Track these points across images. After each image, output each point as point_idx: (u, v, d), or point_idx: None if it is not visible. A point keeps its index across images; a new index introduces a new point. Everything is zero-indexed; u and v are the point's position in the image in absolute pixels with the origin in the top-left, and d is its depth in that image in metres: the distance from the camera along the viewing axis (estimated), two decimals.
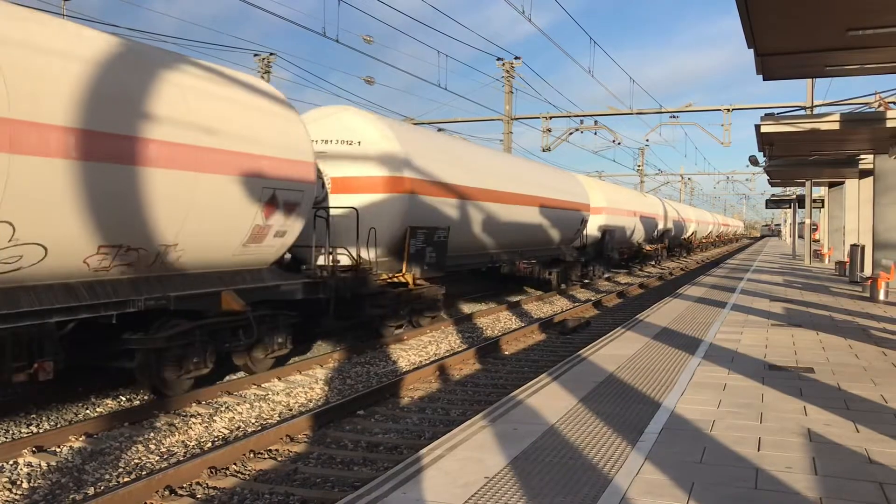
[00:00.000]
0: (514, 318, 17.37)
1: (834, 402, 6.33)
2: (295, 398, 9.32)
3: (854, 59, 9.25)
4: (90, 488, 6.19)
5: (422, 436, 7.64)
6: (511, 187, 18.53)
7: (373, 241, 12.91)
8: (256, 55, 29.01)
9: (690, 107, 32.23)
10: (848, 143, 16.68)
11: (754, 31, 7.88)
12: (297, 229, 10.83)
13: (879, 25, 7.69)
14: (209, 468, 6.35)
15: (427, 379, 10.35)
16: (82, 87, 7.37)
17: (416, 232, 13.61)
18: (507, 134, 30.97)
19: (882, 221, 17.61)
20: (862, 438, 5.21)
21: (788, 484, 4.28)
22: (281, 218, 10.30)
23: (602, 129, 33.95)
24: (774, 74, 9.96)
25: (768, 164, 22.63)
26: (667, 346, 9.26)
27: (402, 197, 13.42)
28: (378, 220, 13.02)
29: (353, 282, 12.30)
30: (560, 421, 5.69)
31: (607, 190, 30.92)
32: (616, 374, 7.49)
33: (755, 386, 6.95)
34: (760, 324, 11.49)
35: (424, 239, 13.83)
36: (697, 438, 5.21)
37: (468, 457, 4.81)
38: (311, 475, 6.41)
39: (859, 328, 10.98)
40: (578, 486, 4.26)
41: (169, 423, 8.01)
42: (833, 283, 19.66)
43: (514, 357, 12.28)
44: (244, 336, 9.87)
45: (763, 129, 14.23)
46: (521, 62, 31.04)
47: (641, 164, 61.60)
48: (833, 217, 30.83)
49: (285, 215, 10.39)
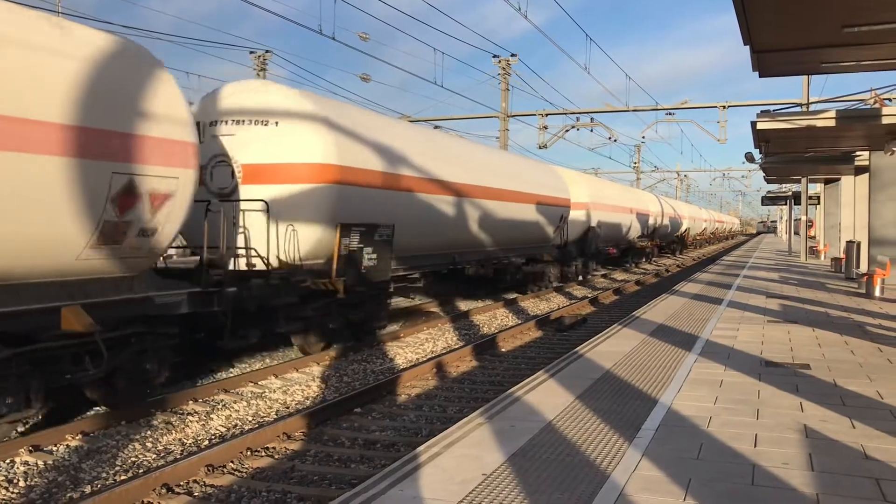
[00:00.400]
0: (511, 315, 17.38)
1: (830, 398, 6.35)
2: (292, 396, 9.32)
3: (850, 55, 9.26)
4: (87, 487, 6.18)
5: (419, 433, 7.64)
6: (474, 178, 16.35)
7: (294, 241, 10.98)
8: (252, 52, 28.97)
9: (686, 104, 32.25)
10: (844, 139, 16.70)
11: (750, 27, 7.89)
12: (174, 227, 8.60)
13: (875, 22, 7.70)
14: (206, 466, 6.34)
15: (424, 376, 10.35)
16: None
17: (349, 230, 11.46)
18: (503, 131, 30.97)
19: (878, 218, 17.63)
20: (858, 434, 5.22)
21: (785, 480, 4.29)
22: (145, 212, 8.01)
23: (598, 126, 34.01)
24: (770, 71, 9.97)
25: (764, 160, 22.68)
26: (663, 343, 9.27)
27: (329, 188, 11.09)
28: (298, 215, 10.91)
29: (261, 291, 10.11)
30: (557, 418, 5.69)
31: (592, 184, 28.98)
32: (613, 371, 7.50)
33: (751, 382, 6.97)
34: (757, 320, 11.51)
35: (361, 238, 11.78)
36: (694, 435, 5.22)
37: (465, 454, 4.81)
38: (308, 473, 6.41)
39: (855, 324, 11.01)
40: (576, 482, 4.27)
41: (166, 421, 8.00)
42: (829, 280, 19.70)
43: (511, 354, 12.30)
44: (92, 365, 7.70)
45: (759, 126, 14.24)
46: (517, 59, 31.07)
47: (637, 161, 61.71)
48: (829, 214, 30.89)
49: (153, 209, 8.13)
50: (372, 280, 12.23)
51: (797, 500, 3.97)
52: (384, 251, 12.53)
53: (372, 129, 12.92)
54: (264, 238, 10.71)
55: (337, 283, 11.15)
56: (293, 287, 10.74)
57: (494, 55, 31.10)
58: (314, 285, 11.03)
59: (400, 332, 13.76)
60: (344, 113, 12.32)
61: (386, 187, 12.73)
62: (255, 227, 10.79)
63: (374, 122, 13.51)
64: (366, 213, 12.04)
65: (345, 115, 12.22)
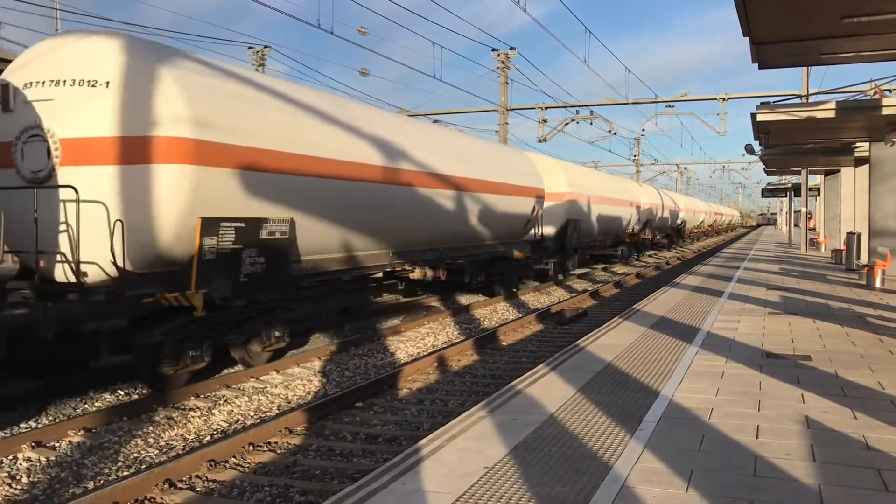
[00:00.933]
0: (512, 308, 17.39)
1: (831, 389, 6.35)
2: (293, 391, 9.33)
3: (849, 46, 9.26)
4: (89, 482, 6.19)
5: (421, 427, 7.65)
6: (410, 163, 13.29)
7: (138, 241, 8.29)
8: (251, 48, 28.91)
9: (686, 96, 32.22)
10: (843, 131, 16.70)
11: (750, 19, 7.88)
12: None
13: (874, 13, 7.69)
14: (208, 461, 6.35)
15: (425, 370, 10.36)
16: None
17: (215, 226, 8.68)
18: (502, 125, 30.92)
19: (878, 209, 17.64)
20: (859, 425, 5.23)
21: (787, 471, 4.30)
22: None
23: (598, 119, 33.94)
24: (770, 63, 9.97)
25: (764, 152, 22.67)
26: (664, 336, 9.27)
27: (180, 170, 8.34)
28: (133, 206, 8.21)
29: (63, 310, 7.61)
30: (559, 410, 5.70)
31: (572, 172, 25.67)
32: (614, 364, 7.50)
33: (753, 374, 6.97)
34: (757, 312, 11.51)
35: (239, 237, 9.02)
36: (696, 426, 5.23)
37: (467, 447, 4.82)
38: (310, 467, 6.42)
39: (856, 316, 11.01)
40: (578, 474, 4.27)
41: (168, 416, 8.01)
42: (829, 272, 19.70)
43: (513, 347, 12.30)
44: None
45: (759, 118, 14.24)
46: (516, 53, 30.99)
47: (637, 153, 61.63)
48: (829, 205, 30.90)
49: None
50: (257, 291, 9.46)
51: (799, 491, 3.98)
52: (278, 254, 9.73)
53: (252, 94, 9.82)
54: (95, 237, 8.10)
55: (194, 297, 8.35)
56: (127, 304, 8.09)
57: (493, 49, 31.03)
58: (165, 300, 8.33)
59: (401, 327, 13.77)
60: (208, 71, 9.30)
61: (281, 169, 9.81)
62: (86, 223, 8.16)
63: (258, 85, 10.13)
64: (244, 205, 9.28)
65: (210, 74, 9.25)
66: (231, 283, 8.97)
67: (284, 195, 9.95)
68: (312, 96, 11.49)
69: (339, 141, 11.31)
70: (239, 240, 9.06)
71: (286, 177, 9.93)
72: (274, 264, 9.65)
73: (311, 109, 10.92)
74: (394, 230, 13.18)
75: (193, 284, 8.39)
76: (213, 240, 8.66)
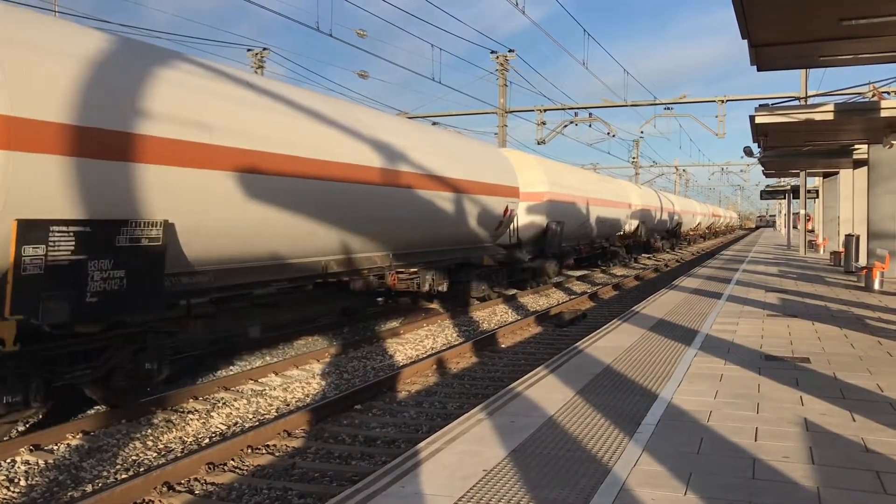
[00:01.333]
0: (511, 311, 17.39)
1: (830, 391, 6.35)
2: (292, 393, 9.32)
3: (847, 48, 9.27)
4: (88, 486, 6.18)
5: (419, 430, 7.65)
6: (360, 157, 11.34)
7: None
8: (250, 50, 28.94)
9: (685, 98, 32.27)
10: (842, 133, 16.70)
11: (748, 21, 7.89)
12: None
13: (872, 15, 7.71)
14: (207, 464, 6.34)
15: (424, 373, 10.35)
16: None
17: (45, 230, 6.62)
18: (501, 127, 30.95)
19: (876, 211, 17.65)
20: (858, 427, 5.23)
21: (786, 473, 4.29)
22: None
23: (597, 121, 33.99)
24: (768, 65, 9.98)
25: (763, 154, 22.67)
26: (663, 338, 9.27)
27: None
28: None
29: None
30: (558, 413, 5.69)
31: (552, 170, 23.23)
32: (613, 366, 7.50)
33: (752, 376, 6.97)
34: (756, 314, 11.51)
35: (83, 244, 6.93)
36: (695, 429, 5.23)
37: (466, 450, 4.81)
38: (308, 470, 6.41)
39: (855, 318, 11.02)
40: (577, 477, 4.27)
41: (166, 419, 8.00)
42: (828, 274, 19.71)
43: (511, 350, 12.30)
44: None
45: (757, 120, 14.24)
46: (515, 55, 31.01)
47: (636, 156, 61.73)
48: (828, 207, 30.89)
49: None
50: (114, 312, 7.39)
51: (798, 494, 3.98)
52: (147, 265, 7.62)
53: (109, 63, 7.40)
54: None
55: (5, 327, 6.31)
56: None
57: (492, 51, 31.06)
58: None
59: (400, 329, 13.76)
60: (31, 21, 7.03)
61: (147, 161, 7.57)
62: None
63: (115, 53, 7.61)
64: (99, 201, 7.17)
65: (36, 27, 6.95)
66: (70, 304, 6.85)
67: (159, 192, 7.76)
68: (196, 73, 8.68)
69: (241, 125, 8.91)
70: (83, 249, 6.93)
71: (158, 168, 7.70)
72: (140, 278, 7.51)
73: (195, 86, 8.47)
74: (322, 234, 10.76)
75: (7, 309, 6.33)
76: (37, 249, 6.54)
